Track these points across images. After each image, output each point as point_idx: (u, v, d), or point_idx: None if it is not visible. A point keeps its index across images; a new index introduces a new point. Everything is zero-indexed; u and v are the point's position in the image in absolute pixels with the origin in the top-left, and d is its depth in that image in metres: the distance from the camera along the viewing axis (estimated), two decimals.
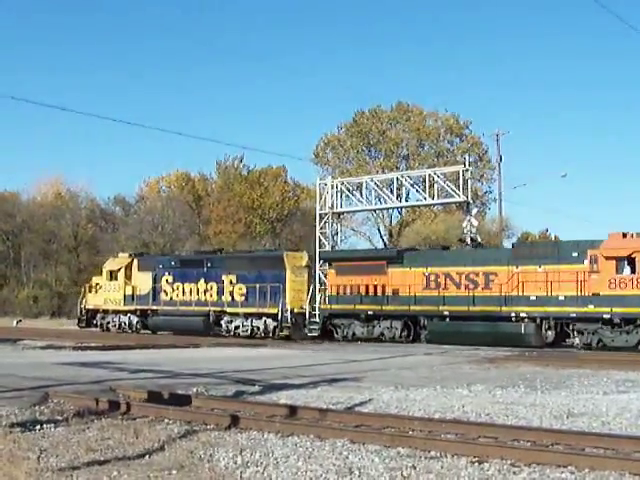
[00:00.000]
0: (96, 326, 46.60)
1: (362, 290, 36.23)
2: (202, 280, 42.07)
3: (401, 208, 64.30)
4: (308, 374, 19.05)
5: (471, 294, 33.23)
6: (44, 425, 11.01)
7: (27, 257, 75.01)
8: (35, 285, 72.87)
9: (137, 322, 44.81)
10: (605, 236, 30.96)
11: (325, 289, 38.19)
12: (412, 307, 34.47)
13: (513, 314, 31.99)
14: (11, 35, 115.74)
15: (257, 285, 39.19)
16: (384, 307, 35.36)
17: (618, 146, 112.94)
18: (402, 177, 47.51)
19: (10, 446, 9.49)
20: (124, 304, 45.13)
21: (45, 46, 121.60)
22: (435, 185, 44.20)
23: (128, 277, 45.35)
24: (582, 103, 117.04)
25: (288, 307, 38.08)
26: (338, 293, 37.03)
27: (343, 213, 52.26)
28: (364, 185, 46.75)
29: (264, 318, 39.19)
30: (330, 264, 38.44)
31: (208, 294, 41.73)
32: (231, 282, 40.86)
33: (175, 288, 43.21)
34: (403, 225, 70.88)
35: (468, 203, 43.83)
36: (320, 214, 46.56)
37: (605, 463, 8.41)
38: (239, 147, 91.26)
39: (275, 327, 38.63)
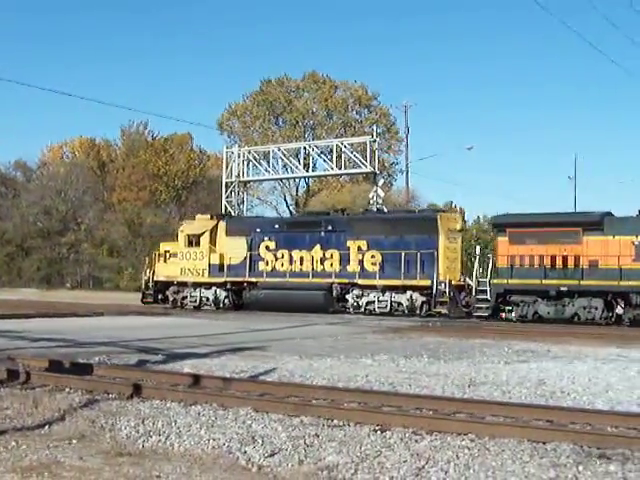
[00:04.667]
0: (164, 301, 39.28)
1: (547, 262, 30.35)
2: (317, 246, 35.49)
3: (308, 178, 64.32)
4: (213, 343, 18.95)
5: None
6: None
7: None
8: None
9: (225, 297, 37.66)
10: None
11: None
12: (621, 282, 28.64)
13: None
14: None
15: (402, 252, 32.81)
16: (582, 282, 29.57)
17: (522, 121, 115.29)
18: (309, 147, 47.69)
19: None
20: (209, 275, 37.88)
21: None
22: (342, 155, 44.50)
23: (212, 243, 38.26)
24: (490, 77, 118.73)
25: (446, 279, 32.28)
26: (513, 265, 30.99)
27: (250, 182, 52.31)
28: (271, 154, 46.72)
29: (409, 292, 33.09)
30: (501, 230, 31.96)
31: (327, 263, 35.28)
32: (359, 248, 34.52)
33: (279, 256, 36.41)
34: (310, 195, 70.96)
35: (375, 174, 44.32)
36: (226, 182, 46.42)
37: (505, 431, 8.54)
38: (144, 113, 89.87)
39: (424, 302, 32.82)
